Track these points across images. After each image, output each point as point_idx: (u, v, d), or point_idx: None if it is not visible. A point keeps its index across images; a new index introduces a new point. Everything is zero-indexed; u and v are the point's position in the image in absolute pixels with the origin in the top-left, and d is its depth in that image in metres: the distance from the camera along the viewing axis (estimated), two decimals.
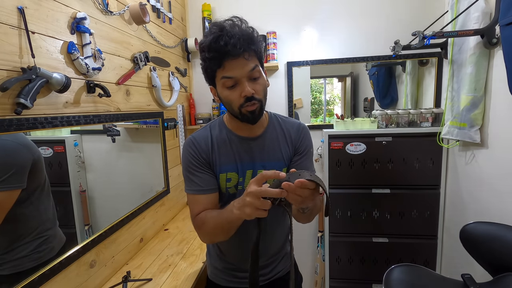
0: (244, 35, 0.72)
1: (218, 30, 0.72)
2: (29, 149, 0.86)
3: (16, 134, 0.82)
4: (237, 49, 0.70)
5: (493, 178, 1.32)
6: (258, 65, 0.77)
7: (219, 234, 0.80)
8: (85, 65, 1.00)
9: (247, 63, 0.73)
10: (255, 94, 0.76)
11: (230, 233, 0.77)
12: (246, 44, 0.72)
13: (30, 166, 0.85)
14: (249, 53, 0.73)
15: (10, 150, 0.81)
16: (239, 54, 0.71)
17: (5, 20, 0.75)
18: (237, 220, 0.71)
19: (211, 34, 0.72)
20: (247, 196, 0.63)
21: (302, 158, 0.90)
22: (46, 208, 0.93)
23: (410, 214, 1.76)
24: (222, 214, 0.75)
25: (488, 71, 1.33)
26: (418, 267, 1.07)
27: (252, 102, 0.76)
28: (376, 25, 1.87)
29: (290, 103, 2.02)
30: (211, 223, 0.79)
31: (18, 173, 0.83)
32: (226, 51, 0.71)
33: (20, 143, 0.84)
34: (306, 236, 2.14)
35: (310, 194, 0.59)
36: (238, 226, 0.74)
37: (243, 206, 0.64)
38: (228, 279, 0.96)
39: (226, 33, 0.70)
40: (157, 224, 1.61)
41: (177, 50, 1.88)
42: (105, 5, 1.15)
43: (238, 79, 0.74)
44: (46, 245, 0.91)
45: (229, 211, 0.71)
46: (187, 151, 0.86)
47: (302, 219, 0.82)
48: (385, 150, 1.73)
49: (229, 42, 0.70)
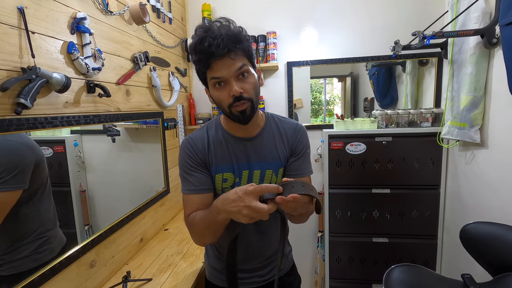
0: (228, 35, 0.71)
1: (202, 32, 0.72)
2: (32, 150, 0.86)
3: (19, 134, 0.82)
4: (221, 49, 0.70)
5: (493, 178, 1.32)
6: (247, 64, 0.77)
7: (207, 235, 0.79)
8: (85, 65, 1.00)
9: (233, 63, 0.73)
10: (244, 93, 0.75)
11: (217, 234, 0.77)
12: (231, 43, 0.71)
13: (33, 167, 0.85)
14: (235, 52, 0.73)
15: (14, 150, 0.81)
16: (224, 54, 0.71)
17: (5, 20, 0.75)
18: (223, 220, 0.71)
19: (196, 36, 0.73)
20: (246, 197, 0.63)
21: (299, 159, 0.90)
22: (47, 208, 0.93)
23: (410, 214, 1.76)
24: (208, 214, 0.75)
25: (488, 71, 1.33)
26: (418, 267, 1.07)
27: (241, 101, 0.75)
28: (376, 25, 1.87)
29: (290, 103, 2.02)
30: (199, 223, 0.78)
31: (21, 174, 0.82)
32: (210, 52, 0.71)
33: (24, 143, 0.84)
34: (306, 236, 2.14)
35: (302, 205, 0.63)
36: (224, 225, 0.74)
37: (238, 213, 0.65)
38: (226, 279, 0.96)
39: (210, 34, 0.71)
40: (157, 224, 1.61)
41: (177, 50, 1.88)
42: (105, 5, 1.15)
43: (225, 79, 0.74)
44: (46, 246, 0.91)
45: (215, 213, 0.71)
46: (183, 152, 0.86)
47: (294, 220, 0.85)
48: (385, 150, 1.73)
49: (213, 43, 0.70)
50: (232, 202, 0.65)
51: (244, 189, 0.64)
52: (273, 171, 0.88)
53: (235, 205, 0.65)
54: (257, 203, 0.62)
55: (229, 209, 0.66)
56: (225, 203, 0.67)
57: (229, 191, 0.69)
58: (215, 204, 0.71)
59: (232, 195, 0.66)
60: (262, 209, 0.62)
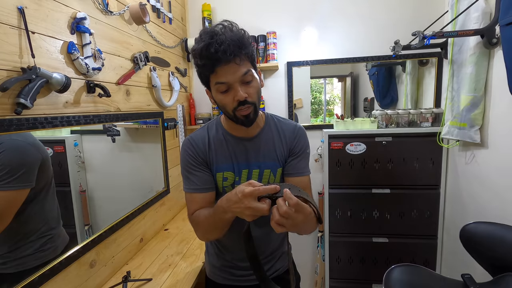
0: (234, 40, 0.72)
1: (208, 38, 0.72)
2: (38, 149, 0.88)
3: (25, 134, 0.83)
4: (227, 56, 0.71)
5: (493, 178, 1.32)
6: (251, 68, 0.78)
7: (213, 232, 0.82)
8: (85, 65, 1.00)
9: (239, 68, 0.74)
10: (248, 97, 0.77)
11: (224, 230, 0.80)
12: (236, 49, 0.72)
13: (39, 166, 0.86)
14: (240, 57, 0.74)
15: (21, 150, 0.82)
16: (230, 60, 0.72)
17: (5, 20, 0.75)
18: (230, 218, 0.74)
19: (202, 42, 0.73)
20: (244, 199, 0.65)
21: (297, 159, 0.90)
22: (51, 207, 0.94)
23: (410, 214, 1.76)
24: (214, 213, 0.77)
25: (488, 71, 1.33)
26: (418, 267, 1.07)
27: (245, 106, 0.77)
28: (376, 25, 1.87)
29: (290, 103, 2.02)
30: (205, 222, 0.81)
31: (28, 172, 0.84)
32: (217, 58, 0.71)
33: (29, 143, 0.85)
34: (306, 236, 2.13)
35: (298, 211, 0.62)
36: (231, 222, 0.77)
37: (242, 214, 0.67)
38: (226, 276, 0.98)
39: (216, 40, 0.71)
40: (157, 224, 1.61)
41: (177, 50, 1.88)
42: (105, 5, 1.15)
43: (230, 84, 0.75)
44: (50, 244, 0.92)
45: (221, 212, 0.73)
46: (185, 151, 0.88)
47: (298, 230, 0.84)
48: (385, 150, 1.73)
49: (219, 49, 0.70)
50: (235, 204, 0.68)
51: (242, 191, 0.65)
52: (271, 171, 0.89)
53: (238, 206, 0.67)
54: (256, 204, 0.64)
55: (233, 209, 0.69)
56: (229, 204, 0.70)
57: (230, 191, 0.71)
58: (220, 205, 0.73)
59: (233, 197, 0.68)
60: (262, 209, 0.64)
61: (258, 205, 0.64)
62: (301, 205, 0.60)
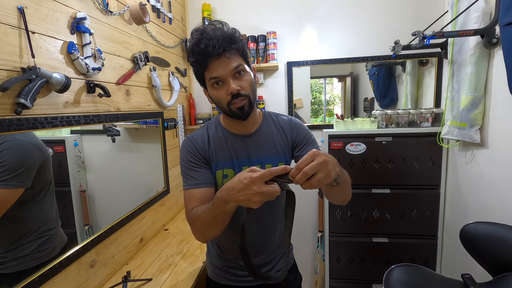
0: (223, 36, 0.75)
1: (198, 35, 0.76)
2: (39, 150, 0.88)
3: (28, 134, 0.83)
4: (217, 49, 0.74)
5: (493, 178, 1.32)
6: (243, 63, 0.80)
7: (211, 228, 0.77)
8: (85, 65, 1.00)
9: (229, 62, 0.77)
10: (241, 90, 0.78)
11: (223, 225, 0.76)
12: (226, 43, 0.75)
13: (38, 167, 0.86)
14: (230, 52, 0.77)
15: (23, 149, 0.83)
16: (220, 54, 0.75)
17: (5, 20, 0.75)
18: (231, 210, 0.70)
19: (193, 39, 0.77)
20: (253, 185, 0.62)
21: (304, 147, 0.91)
22: (49, 207, 0.94)
23: (410, 214, 1.76)
24: (213, 206, 0.73)
25: (488, 71, 1.33)
26: (418, 267, 1.07)
27: (239, 98, 0.79)
28: (376, 25, 1.87)
29: (290, 103, 2.02)
30: (203, 216, 0.77)
31: (26, 173, 0.84)
32: (207, 52, 0.75)
33: (33, 143, 0.85)
34: (306, 236, 2.14)
35: (318, 164, 0.59)
36: (231, 216, 0.73)
37: (248, 201, 0.64)
38: (228, 277, 0.97)
39: (206, 36, 0.75)
40: (157, 224, 1.61)
41: (177, 50, 1.88)
42: (105, 5, 1.15)
43: (223, 78, 0.78)
44: (48, 245, 0.92)
45: (222, 203, 0.70)
46: (185, 149, 0.88)
47: (336, 195, 0.84)
48: (385, 150, 1.73)
49: (209, 44, 0.74)
50: (240, 192, 0.65)
51: (249, 177, 0.63)
52: (272, 166, 0.89)
53: (244, 194, 0.64)
54: (267, 187, 0.62)
55: (238, 198, 0.65)
56: (231, 193, 0.66)
57: (231, 180, 0.69)
58: (220, 195, 0.70)
59: (237, 184, 0.65)
60: (274, 191, 0.62)
61: (269, 188, 0.62)
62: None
